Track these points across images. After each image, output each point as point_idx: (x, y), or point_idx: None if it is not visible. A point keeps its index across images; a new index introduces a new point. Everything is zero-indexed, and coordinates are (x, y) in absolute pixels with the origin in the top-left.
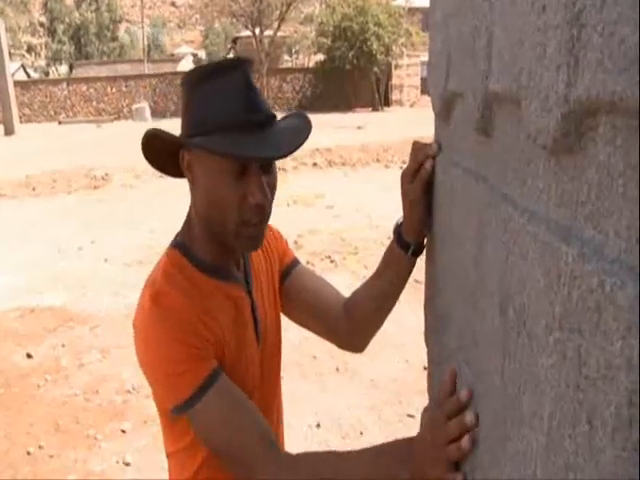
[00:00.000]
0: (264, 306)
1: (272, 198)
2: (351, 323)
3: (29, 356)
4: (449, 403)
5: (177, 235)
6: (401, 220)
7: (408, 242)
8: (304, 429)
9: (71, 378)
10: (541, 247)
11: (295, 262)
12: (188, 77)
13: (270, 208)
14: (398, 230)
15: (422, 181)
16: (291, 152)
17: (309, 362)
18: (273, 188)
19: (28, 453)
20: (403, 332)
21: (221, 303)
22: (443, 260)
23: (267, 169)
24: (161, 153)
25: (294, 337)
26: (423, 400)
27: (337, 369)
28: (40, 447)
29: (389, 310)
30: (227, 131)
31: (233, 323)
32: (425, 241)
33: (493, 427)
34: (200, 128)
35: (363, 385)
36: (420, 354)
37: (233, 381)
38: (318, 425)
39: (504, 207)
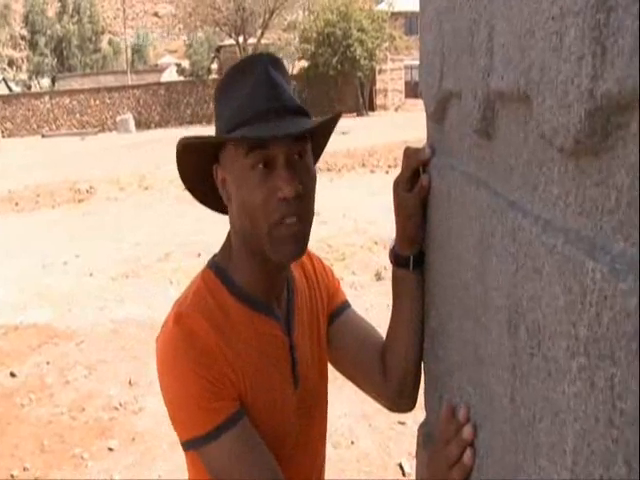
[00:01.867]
0: (305, 348)
1: (308, 195)
2: (394, 381)
3: (13, 375)
4: (447, 429)
5: (215, 255)
6: (393, 242)
7: (406, 256)
8: None
9: (56, 396)
10: (560, 261)
11: (346, 305)
12: (217, 86)
13: (307, 206)
14: (394, 252)
15: (420, 193)
16: (303, 131)
17: None
18: (307, 184)
19: (12, 476)
20: None
21: (249, 335)
22: (439, 271)
23: (296, 164)
24: (197, 172)
25: None
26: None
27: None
28: (25, 469)
29: (416, 346)
30: (246, 124)
31: (259, 359)
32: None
33: (503, 453)
34: (224, 128)
35: (353, 394)
36: None
37: (259, 422)
38: None
39: (512, 215)
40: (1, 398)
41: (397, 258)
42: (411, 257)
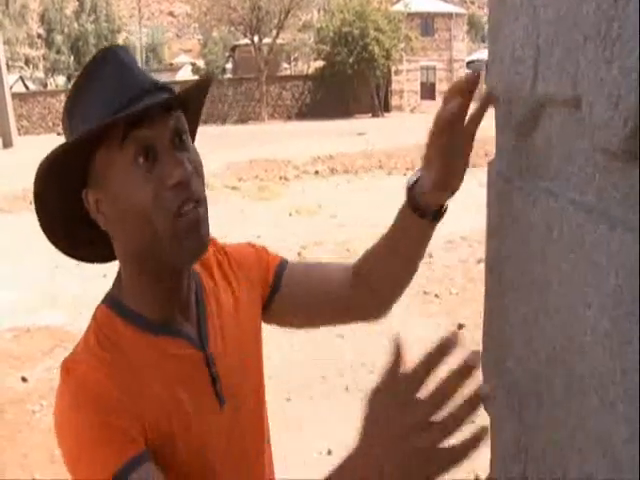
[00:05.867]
0: (230, 357)
1: (199, 174)
2: (365, 285)
3: (24, 379)
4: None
5: (107, 292)
6: (414, 178)
7: (425, 206)
8: (314, 456)
9: None
10: None
11: (283, 264)
12: (68, 96)
13: (201, 187)
14: (412, 190)
15: (472, 127)
16: (176, 95)
17: (317, 383)
18: (196, 163)
19: None
20: (411, 345)
21: (152, 365)
22: (523, 312)
23: (179, 145)
24: (61, 211)
25: (299, 357)
26: None
27: (347, 388)
28: None
29: (407, 278)
30: (119, 112)
31: (168, 388)
32: (446, 205)
33: None
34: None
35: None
36: None
37: (178, 458)
38: (329, 452)
39: None
40: (12, 404)
41: (413, 199)
42: (432, 211)
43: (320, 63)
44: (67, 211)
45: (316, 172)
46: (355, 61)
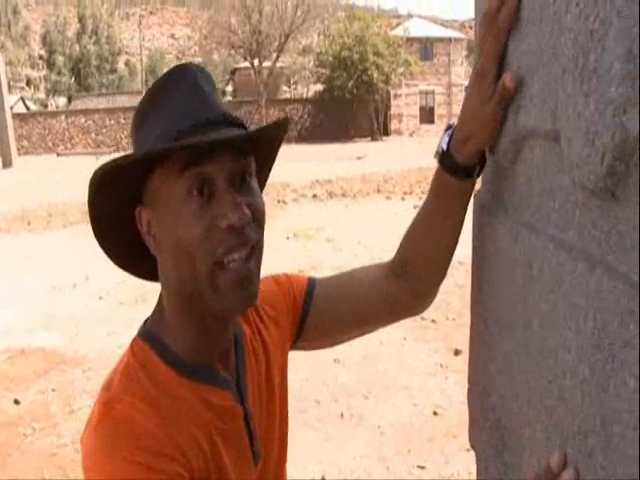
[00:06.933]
0: (262, 415)
1: (258, 223)
2: (410, 274)
3: (17, 402)
4: None
5: (146, 321)
6: (447, 139)
7: (456, 163)
8: None
9: (60, 426)
10: None
11: (310, 290)
12: (136, 110)
13: (257, 236)
14: (451, 159)
15: (502, 97)
16: (247, 134)
17: (312, 407)
18: (257, 210)
19: None
20: (407, 372)
21: (196, 413)
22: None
23: (241, 186)
24: (115, 221)
25: (294, 382)
26: (433, 449)
27: (342, 415)
28: None
29: (451, 249)
30: (180, 139)
31: (211, 439)
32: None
33: None
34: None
35: (369, 432)
36: (428, 397)
37: None
38: (323, 479)
39: None
40: (3, 426)
41: (454, 165)
42: (477, 167)
43: (320, 87)
44: (120, 222)
45: (314, 196)
46: (354, 85)
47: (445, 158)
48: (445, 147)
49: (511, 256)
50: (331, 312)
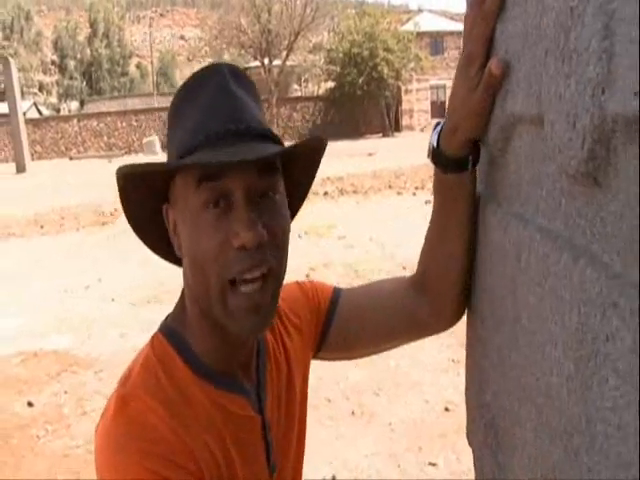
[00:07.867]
0: (280, 425)
1: (276, 245)
2: (425, 291)
3: (30, 404)
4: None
5: (168, 316)
6: (435, 137)
7: (463, 156)
8: None
9: (73, 427)
10: None
11: (335, 294)
12: (171, 105)
13: (273, 259)
14: (442, 155)
15: (488, 85)
16: (263, 155)
17: (323, 406)
18: (275, 230)
19: None
20: (419, 369)
21: (213, 419)
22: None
23: (260, 203)
24: (145, 210)
25: None
26: (445, 445)
27: (353, 412)
28: None
29: (461, 254)
30: (198, 149)
31: (226, 447)
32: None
33: None
34: (175, 155)
35: (380, 430)
36: (439, 393)
37: None
38: (334, 478)
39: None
40: (17, 429)
41: (444, 160)
42: (470, 158)
43: (330, 84)
44: (150, 213)
45: (325, 193)
46: (365, 81)
47: (436, 155)
48: (435, 144)
49: (502, 248)
50: (355, 323)
